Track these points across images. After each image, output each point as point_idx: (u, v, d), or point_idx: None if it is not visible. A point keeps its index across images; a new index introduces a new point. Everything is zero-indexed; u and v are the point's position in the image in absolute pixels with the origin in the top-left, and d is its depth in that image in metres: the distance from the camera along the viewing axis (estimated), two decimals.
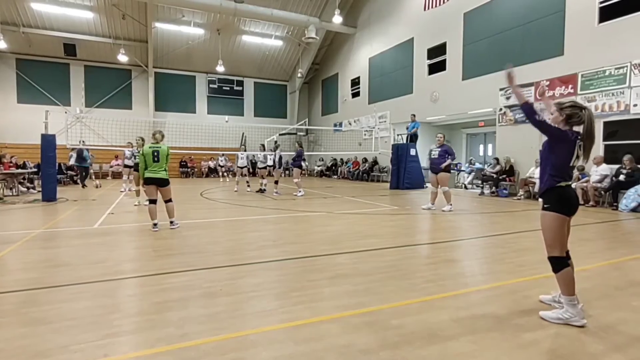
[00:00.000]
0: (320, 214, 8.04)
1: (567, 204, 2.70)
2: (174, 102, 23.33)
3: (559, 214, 2.68)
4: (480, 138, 17.09)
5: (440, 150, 8.56)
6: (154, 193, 6.13)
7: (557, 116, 2.83)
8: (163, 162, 6.12)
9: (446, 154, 8.48)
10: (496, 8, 12.75)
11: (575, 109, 2.74)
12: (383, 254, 4.65)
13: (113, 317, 2.74)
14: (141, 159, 6.10)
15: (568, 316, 2.61)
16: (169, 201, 6.26)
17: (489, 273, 3.98)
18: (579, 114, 2.71)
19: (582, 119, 2.70)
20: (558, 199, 2.70)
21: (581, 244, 5.27)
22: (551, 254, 2.74)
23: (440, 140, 8.69)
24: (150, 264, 4.19)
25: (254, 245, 5.20)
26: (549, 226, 2.71)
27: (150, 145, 6.13)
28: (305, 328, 2.59)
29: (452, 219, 7.50)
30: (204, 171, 22.72)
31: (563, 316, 2.63)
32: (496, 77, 12.69)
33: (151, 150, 6.06)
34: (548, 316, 2.68)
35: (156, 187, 6.12)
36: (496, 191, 11.95)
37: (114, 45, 20.39)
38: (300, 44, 22.93)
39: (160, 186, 6.14)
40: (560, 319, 2.62)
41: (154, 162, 6.05)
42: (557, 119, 2.83)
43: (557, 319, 2.63)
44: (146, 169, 6.07)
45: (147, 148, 6.08)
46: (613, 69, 9.53)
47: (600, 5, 9.88)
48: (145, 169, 6.07)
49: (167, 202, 6.25)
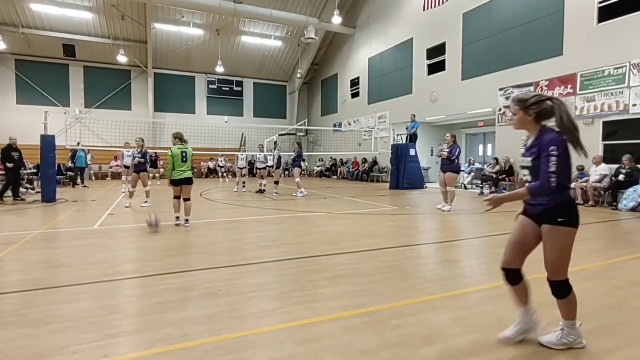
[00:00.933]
0: (319, 214, 8.04)
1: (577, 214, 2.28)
2: (173, 102, 23.33)
3: (576, 228, 2.25)
4: (480, 138, 17.11)
5: (447, 150, 8.65)
6: (179, 191, 6.45)
7: (523, 116, 2.35)
8: (189, 162, 6.49)
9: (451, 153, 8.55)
10: (495, 8, 12.76)
11: (542, 102, 2.29)
12: (382, 254, 4.65)
13: (113, 318, 2.74)
14: (170, 160, 6.35)
15: (572, 340, 2.33)
16: (188, 199, 6.49)
17: (488, 273, 3.98)
18: (547, 105, 2.28)
19: (552, 110, 2.27)
20: (575, 210, 2.26)
21: (580, 244, 5.25)
22: (559, 278, 2.29)
23: (447, 140, 8.74)
24: (149, 265, 4.19)
25: (253, 245, 5.20)
26: (567, 245, 2.24)
27: (179, 147, 6.42)
28: (305, 328, 2.59)
29: (451, 219, 7.50)
30: (204, 171, 22.71)
31: (567, 340, 2.33)
32: (495, 77, 12.71)
33: (180, 152, 6.35)
34: (551, 343, 2.35)
35: (182, 186, 6.41)
36: (495, 191, 11.96)
37: (113, 45, 20.38)
38: (300, 44, 22.95)
39: (186, 184, 6.44)
40: (565, 343, 2.33)
41: (183, 162, 6.35)
42: (523, 120, 2.36)
43: (561, 345, 2.33)
44: (174, 169, 6.32)
45: (176, 149, 6.36)
46: (612, 69, 9.54)
47: (599, 5, 9.90)
48: (173, 170, 6.33)
49: (186, 200, 6.48)
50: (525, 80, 11.65)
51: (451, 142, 8.67)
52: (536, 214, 2.35)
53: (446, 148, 8.70)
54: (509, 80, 12.23)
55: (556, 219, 2.23)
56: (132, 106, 22.44)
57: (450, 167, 8.62)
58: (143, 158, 9.01)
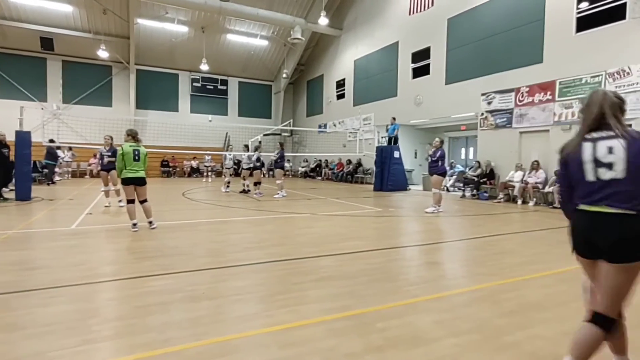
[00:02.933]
0: (304, 216, 8.03)
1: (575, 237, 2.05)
2: (156, 100, 22.89)
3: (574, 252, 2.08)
4: (462, 141, 17.42)
5: (433, 154, 8.84)
6: (133, 193, 6.06)
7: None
8: (142, 161, 6.12)
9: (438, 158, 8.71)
10: (479, 15, 13.02)
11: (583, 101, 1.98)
12: (367, 257, 4.68)
13: (91, 322, 2.66)
14: (119, 159, 6.00)
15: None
16: (145, 201, 6.17)
17: (471, 275, 4.05)
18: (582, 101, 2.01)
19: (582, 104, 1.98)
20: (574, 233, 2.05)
21: (558, 247, 5.43)
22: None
23: (436, 144, 8.89)
24: (130, 267, 4.09)
25: (237, 247, 5.15)
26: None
27: (131, 145, 6.07)
28: (290, 332, 2.57)
29: (434, 222, 7.60)
30: (186, 171, 22.37)
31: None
32: (478, 82, 12.96)
33: (132, 150, 6.01)
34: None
35: (134, 187, 6.05)
36: (477, 194, 12.19)
37: (93, 40, 19.83)
38: (286, 44, 22.87)
39: (138, 185, 6.08)
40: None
41: (135, 161, 6.00)
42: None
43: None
44: (125, 169, 5.97)
45: (128, 147, 6.01)
46: (589, 77, 9.87)
47: (577, 15, 10.22)
48: (124, 169, 5.98)
49: (143, 202, 6.15)
50: (507, 86, 11.93)
51: (439, 146, 8.84)
52: None
53: (432, 152, 8.91)
54: (491, 85, 12.50)
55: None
56: (113, 103, 21.90)
57: (436, 169, 8.77)
58: (113, 156, 8.51)
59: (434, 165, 8.83)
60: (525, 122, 11.46)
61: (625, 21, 9.20)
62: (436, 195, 8.73)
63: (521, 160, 11.43)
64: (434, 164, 8.85)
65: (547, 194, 10.35)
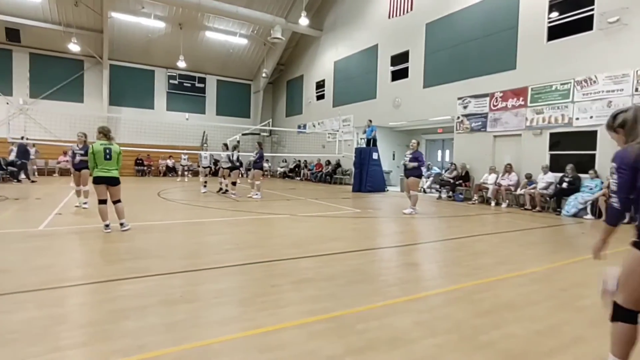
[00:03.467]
0: (283, 217, 7.99)
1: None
2: (131, 96, 22.24)
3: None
4: (439, 144, 17.80)
5: (411, 157, 8.85)
6: (105, 193, 5.82)
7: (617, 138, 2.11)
8: (115, 160, 5.87)
9: (415, 160, 8.77)
10: (456, 21, 13.34)
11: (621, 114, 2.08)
12: (347, 258, 4.70)
13: (61, 329, 2.55)
14: (91, 157, 5.77)
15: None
16: (119, 202, 5.94)
17: (448, 276, 4.14)
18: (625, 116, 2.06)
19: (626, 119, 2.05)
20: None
21: (530, 247, 5.63)
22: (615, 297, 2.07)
23: (413, 145, 8.97)
24: (103, 270, 3.95)
25: (215, 248, 5.06)
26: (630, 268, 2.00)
27: (102, 143, 5.81)
28: (270, 335, 2.55)
29: (412, 223, 7.73)
30: (162, 170, 21.85)
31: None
32: (455, 86, 13.28)
33: (103, 148, 5.75)
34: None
35: (106, 187, 5.82)
36: (453, 195, 12.48)
37: (64, 33, 19.07)
38: (266, 43, 22.71)
39: (111, 185, 5.85)
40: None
41: (106, 160, 5.77)
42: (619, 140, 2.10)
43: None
44: (96, 168, 5.75)
45: (98, 145, 5.76)
46: (559, 85, 10.29)
47: (548, 24, 10.64)
48: (95, 168, 5.75)
49: (116, 202, 5.92)
50: (482, 91, 12.28)
51: (416, 148, 8.95)
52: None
53: (409, 153, 8.95)
54: (467, 90, 12.83)
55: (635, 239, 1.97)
56: (84, 99, 21.14)
57: (413, 172, 8.87)
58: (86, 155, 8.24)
59: (413, 168, 8.85)
60: (499, 127, 11.83)
61: (592, 32, 9.65)
62: (414, 197, 8.85)
63: (495, 163, 11.79)
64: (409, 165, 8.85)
65: (519, 196, 10.72)
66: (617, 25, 9.12)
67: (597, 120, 9.48)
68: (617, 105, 9.05)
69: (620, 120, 2.06)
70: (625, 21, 8.97)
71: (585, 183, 9.38)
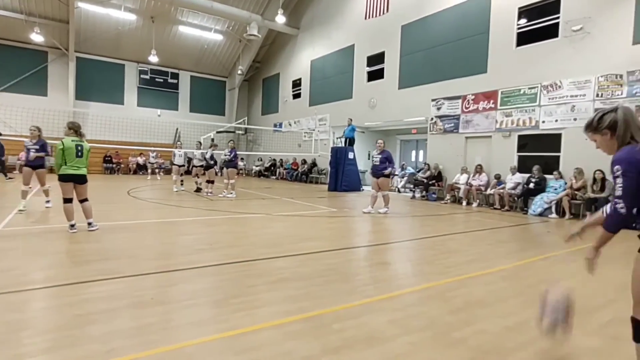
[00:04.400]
0: (258, 216, 7.91)
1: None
2: (99, 91, 21.38)
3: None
4: (413, 144, 18.14)
5: (381, 157, 8.79)
6: (71, 191, 5.60)
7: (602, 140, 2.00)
8: (85, 158, 5.69)
9: (387, 161, 8.80)
10: (430, 24, 13.62)
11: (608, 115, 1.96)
12: (323, 257, 4.70)
13: (23, 335, 2.41)
14: (59, 154, 5.50)
15: None
16: (86, 200, 5.72)
17: (421, 274, 4.22)
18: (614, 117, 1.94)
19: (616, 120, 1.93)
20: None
21: (499, 246, 5.83)
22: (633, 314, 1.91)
23: (380, 145, 9.00)
24: (68, 272, 3.77)
25: (188, 249, 4.94)
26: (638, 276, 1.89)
27: (73, 139, 5.61)
28: (245, 337, 2.51)
29: (386, 222, 7.83)
30: (132, 167, 21.14)
31: None
32: (429, 88, 13.56)
33: (74, 145, 5.55)
34: None
35: (73, 185, 5.59)
36: (426, 195, 12.75)
37: (26, 22, 18.09)
38: (242, 40, 22.40)
39: (78, 184, 5.63)
40: None
41: (77, 157, 5.56)
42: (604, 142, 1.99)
43: None
44: (65, 165, 5.49)
45: (69, 141, 5.54)
46: (527, 89, 10.71)
47: (518, 30, 11.05)
48: (63, 165, 5.49)
49: (83, 201, 5.70)
50: (455, 93, 12.61)
51: (382, 148, 8.97)
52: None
53: (376, 153, 8.95)
54: (440, 92, 13.14)
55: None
56: (48, 92, 20.14)
57: (381, 172, 8.83)
58: (42, 150, 7.45)
59: (381, 167, 8.78)
60: (471, 128, 12.19)
61: (558, 39, 10.11)
62: (386, 196, 8.93)
63: (466, 164, 12.14)
64: (379, 166, 8.79)
65: (489, 195, 11.09)
66: (580, 33, 9.58)
67: (561, 124, 9.94)
68: (580, 110, 9.54)
69: (608, 122, 1.93)
70: (588, 29, 9.45)
71: (550, 183, 9.82)
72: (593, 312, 3.20)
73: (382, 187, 8.90)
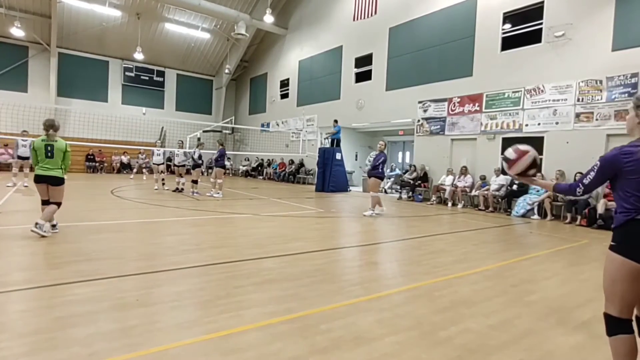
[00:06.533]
0: (245, 216, 7.85)
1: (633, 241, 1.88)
2: (82, 88, 20.90)
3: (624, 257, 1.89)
4: (400, 146, 18.29)
5: (375, 157, 8.93)
6: (46, 193, 5.33)
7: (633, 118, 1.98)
8: (59, 158, 5.31)
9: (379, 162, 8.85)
10: (418, 27, 13.77)
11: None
12: (310, 258, 4.69)
13: (1, 338, 2.33)
14: (32, 154, 5.31)
15: None
16: (56, 204, 5.34)
17: (408, 274, 4.25)
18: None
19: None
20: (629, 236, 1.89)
21: (483, 246, 5.92)
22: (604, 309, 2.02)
23: (380, 147, 9.01)
24: (48, 273, 3.67)
25: (174, 249, 4.86)
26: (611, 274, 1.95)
27: (43, 139, 5.29)
28: (232, 338, 2.48)
29: (373, 222, 7.87)
30: (115, 166, 20.74)
31: None
32: (416, 90, 13.70)
33: (43, 145, 5.24)
34: None
35: (47, 186, 5.32)
36: (412, 196, 12.87)
37: (6, 16, 17.56)
38: (229, 39, 22.21)
39: (51, 185, 5.30)
40: None
41: (47, 157, 5.25)
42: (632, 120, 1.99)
43: None
44: (37, 165, 5.28)
45: (39, 142, 5.25)
46: (511, 92, 10.92)
47: (502, 35, 11.27)
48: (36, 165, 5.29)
49: (52, 203, 5.31)
50: (441, 95, 12.77)
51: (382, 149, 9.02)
52: None
53: (372, 154, 9.07)
54: (427, 94, 13.29)
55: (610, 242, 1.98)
56: (28, 88, 19.60)
57: (374, 173, 8.95)
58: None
59: (372, 167, 8.92)
60: (456, 130, 12.36)
61: (541, 44, 10.34)
62: (374, 198, 8.95)
63: (452, 166, 12.30)
64: (371, 166, 8.97)
65: (474, 197, 11.26)
66: (562, 39, 9.83)
67: (544, 127, 10.17)
68: (562, 114, 9.78)
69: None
70: (570, 36, 9.69)
71: (532, 186, 10.02)
72: (573, 310, 3.28)
73: (370, 188, 8.96)
